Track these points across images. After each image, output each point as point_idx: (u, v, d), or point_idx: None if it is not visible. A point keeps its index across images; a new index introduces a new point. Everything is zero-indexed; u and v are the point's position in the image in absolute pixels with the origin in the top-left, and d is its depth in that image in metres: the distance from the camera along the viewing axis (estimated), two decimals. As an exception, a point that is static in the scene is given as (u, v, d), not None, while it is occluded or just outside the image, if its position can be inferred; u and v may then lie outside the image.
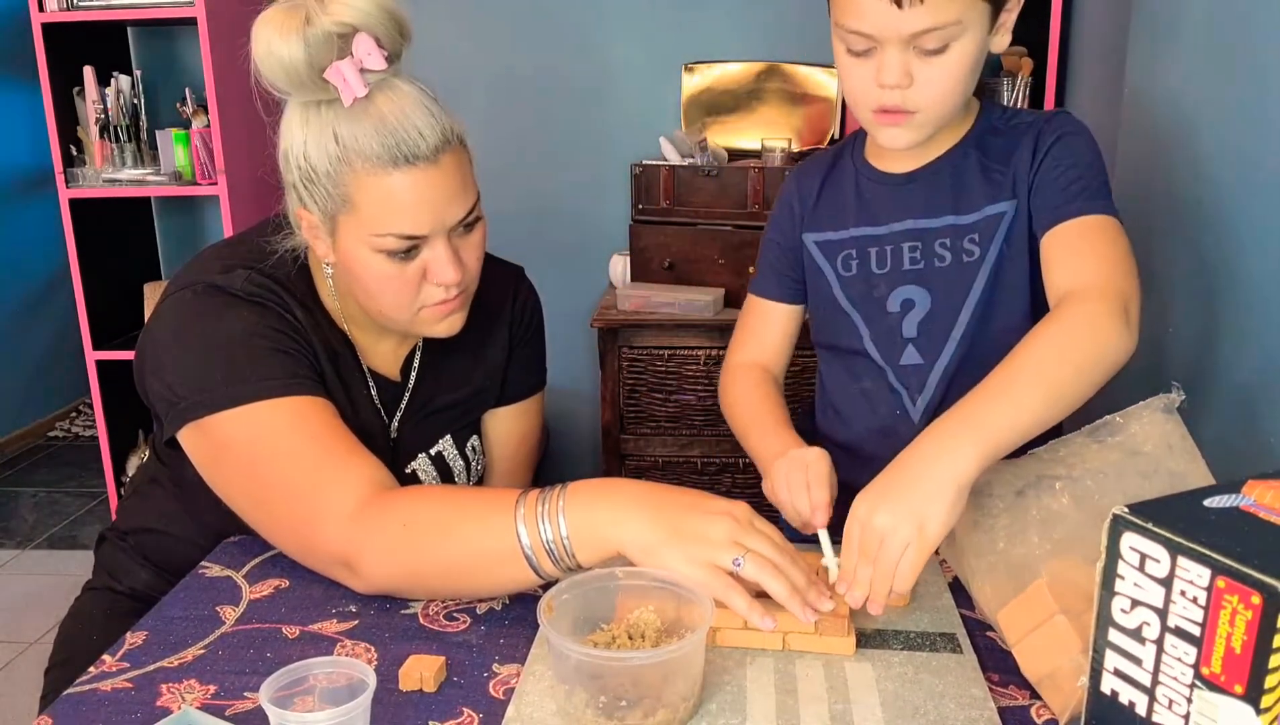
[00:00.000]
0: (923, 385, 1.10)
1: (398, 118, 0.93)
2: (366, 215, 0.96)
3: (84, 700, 0.80)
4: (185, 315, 1.00)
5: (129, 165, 2.55)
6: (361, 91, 0.93)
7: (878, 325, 1.10)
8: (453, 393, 1.16)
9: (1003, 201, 1.04)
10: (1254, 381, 1.16)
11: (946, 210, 1.06)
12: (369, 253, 0.97)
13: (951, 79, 0.96)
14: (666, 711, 0.73)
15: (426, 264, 0.99)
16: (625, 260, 2.35)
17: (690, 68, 2.50)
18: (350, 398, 1.06)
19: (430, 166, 0.95)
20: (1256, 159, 1.16)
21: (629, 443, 2.25)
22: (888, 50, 0.94)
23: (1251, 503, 0.60)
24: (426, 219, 0.96)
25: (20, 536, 2.89)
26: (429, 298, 1.01)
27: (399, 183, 0.94)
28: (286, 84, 0.93)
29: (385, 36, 0.94)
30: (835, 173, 1.15)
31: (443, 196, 0.97)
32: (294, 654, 0.86)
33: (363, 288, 1.01)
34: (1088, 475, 0.85)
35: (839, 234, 1.12)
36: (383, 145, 0.93)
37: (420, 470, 1.14)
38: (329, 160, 0.95)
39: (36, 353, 3.64)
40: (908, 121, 0.99)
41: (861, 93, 0.99)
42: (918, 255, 1.07)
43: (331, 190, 0.96)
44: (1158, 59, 1.49)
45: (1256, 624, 0.53)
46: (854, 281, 1.11)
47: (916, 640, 0.85)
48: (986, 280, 1.05)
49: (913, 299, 1.08)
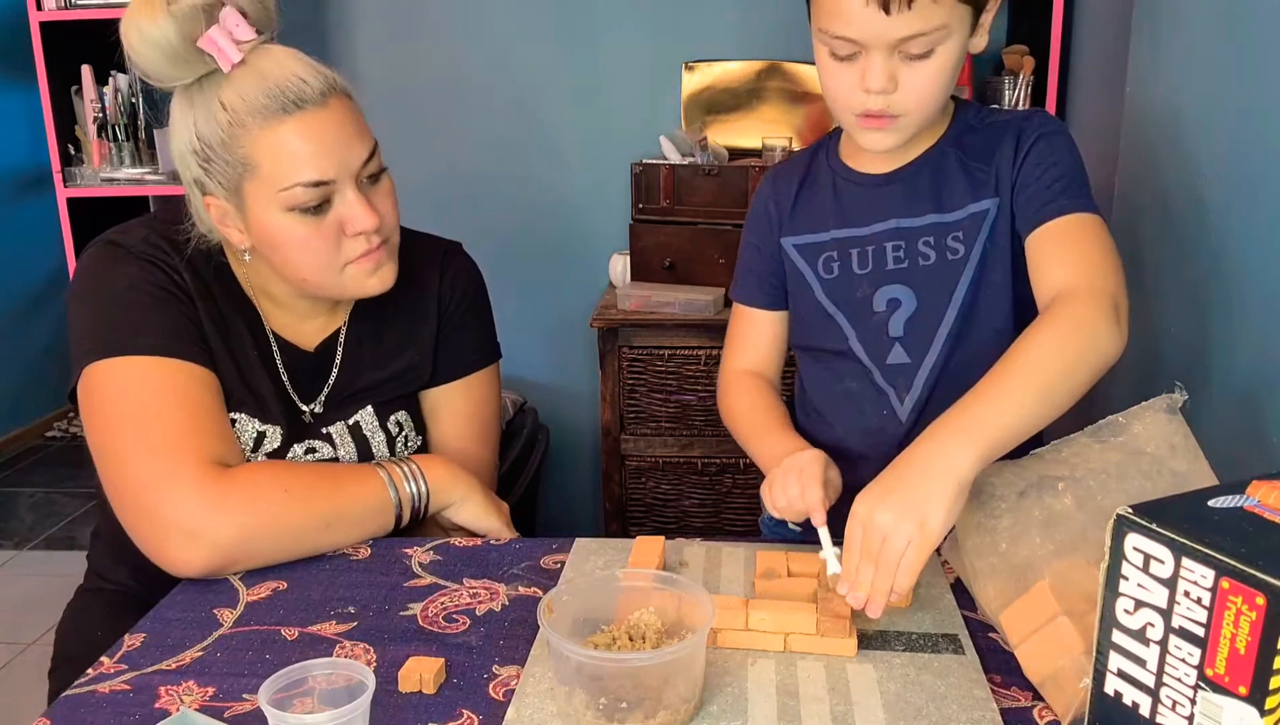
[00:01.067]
0: (910, 384, 1.09)
1: (278, 71, 0.97)
2: (269, 172, 0.98)
3: (82, 702, 0.80)
4: (82, 270, 1.07)
5: (127, 164, 2.54)
6: (237, 57, 0.96)
7: (864, 326, 1.10)
8: (379, 370, 1.16)
9: (985, 199, 1.04)
10: (1257, 381, 1.15)
11: (929, 208, 1.06)
12: (281, 214, 0.99)
13: (936, 83, 0.96)
14: (667, 713, 0.73)
15: (341, 217, 1.01)
16: (625, 260, 2.35)
17: (690, 67, 2.50)
18: (239, 364, 1.07)
19: (320, 109, 0.98)
20: (1258, 158, 1.16)
21: (629, 443, 2.25)
22: (873, 55, 0.94)
23: (1256, 503, 0.60)
24: (329, 162, 0.99)
25: (18, 537, 2.89)
26: (351, 251, 1.03)
27: (292, 130, 0.97)
28: (166, 63, 0.97)
29: (250, 9, 0.98)
30: (811, 176, 1.14)
31: (339, 138, 0.99)
32: (293, 656, 0.85)
33: (284, 258, 1.03)
34: (1090, 476, 0.84)
35: (818, 236, 1.11)
36: (269, 96, 0.96)
37: (336, 435, 1.14)
38: (221, 128, 0.97)
39: (34, 352, 3.63)
40: (891, 125, 0.99)
41: (844, 97, 0.98)
42: (901, 254, 1.07)
43: (229, 157, 0.98)
44: (1158, 59, 1.49)
45: (1261, 625, 0.53)
46: (837, 283, 1.11)
47: (919, 641, 0.85)
48: (971, 277, 1.05)
49: (899, 298, 1.08)
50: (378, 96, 2.63)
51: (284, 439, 1.09)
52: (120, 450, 0.99)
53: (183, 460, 0.96)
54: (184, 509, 0.95)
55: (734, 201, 2.23)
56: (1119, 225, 1.61)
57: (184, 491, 0.95)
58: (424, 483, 1.08)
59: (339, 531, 1.03)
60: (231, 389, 1.06)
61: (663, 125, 2.45)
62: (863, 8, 0.91)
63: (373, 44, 2.63)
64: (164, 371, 1.00)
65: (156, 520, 0.96)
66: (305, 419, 1.13)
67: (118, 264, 1.04)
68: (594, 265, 2.58)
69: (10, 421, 3.56)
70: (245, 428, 1.07)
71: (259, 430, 1.08)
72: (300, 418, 1.12)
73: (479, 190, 2.64)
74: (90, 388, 1.01)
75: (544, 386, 2.64)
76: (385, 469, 1.07)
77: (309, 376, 1.13)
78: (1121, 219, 1.61)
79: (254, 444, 1.08)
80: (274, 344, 1.11)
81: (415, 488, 1.08)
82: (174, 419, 0.98)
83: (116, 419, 0.99)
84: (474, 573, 1.00)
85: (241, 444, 1.06)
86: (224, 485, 0.97)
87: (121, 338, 1.00)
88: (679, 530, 2.23)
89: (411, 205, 1.11)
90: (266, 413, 1.08)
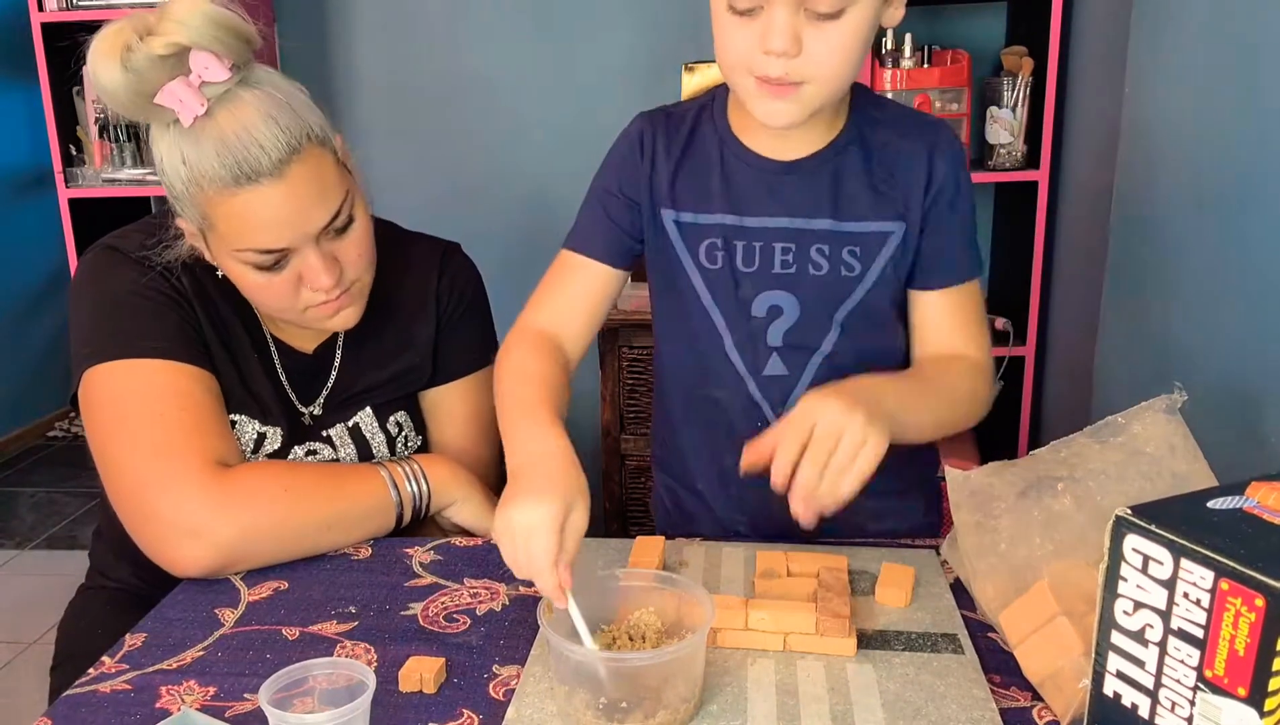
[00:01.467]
0: (786, 400, 1.01)
1: (238, 134, 0.92)
2: (224, 232, 0.97)
3: (83, 702, 0.80)
4: (82, 274, 1.07)
5: (128, 165, 2.55)
6: (200, 109, 0.91)
7: (741, 330, 1.01)
8: (378, 372, 1.16)
9: (890, 221, 0.98)
10: (1257, 382, 1.15)
11: (824, 212, 0.97)
12: (239, 265, 0.99)
13: (845, 49, 0.86)
14: (667, 713, 0.73)
15: (300, 271, 1.00)
16: (625, 260, 2.35)
17: (690, 67, 2.50)
18: (239, 366, 1.08)
19: (276, 181, 0.93)
20: (1257, 159, 1.16)
21: (629, 443, 2.25)
22: (776, 10, 0.83)
23: (1255, 504, 0.60)
24: (283, 233, 0.96)
25: (19, 536, 2.89)
26: (310, 300, 1.02)
27: (247, 201, 0.94)
28: (125, 111, 0.93)
29: (224, 48, 0.91)
30: (697, 140, 1.01)
31: (295, 209, 0.95)
32: (293, 655, 0.85)
33: (244, 293, 1.04)
34: (1090, 476, 0.85)
35: (702, 217, 0.99)
36: (224, 166, 0.92)
37: (336, 437, 1.14)
38: (182, 182, 0.95)
39: (35, 352, 3.63)
40: (793, 94, 0.88)
41: (741, 57, 0.88)
42: (790, 258, 0.98)
43: (192, 209, 0.97)
44: (1158, 59, 1.49)
45: (1260, 626, 0.53)
46: (718, 277, 1.00)
47: (918, 641, 0.85)
48: (861, 297, 0.99)
49: (780, 305, 0.99)
50: (378, 96, 2.63)
51: (284, 441, 1.09)
52: (121, 451, 0.99)
53: (184, 461, 0.97)
54: (185, 509, 0.95)
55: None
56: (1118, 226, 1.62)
57: (185, 491, 0.96)
58: (425, 482, 1.08)
59: (340, 531, 1.03)
60: (231, 391, 1.06)
61: (663, 125, 2.44)
62: None
63: (373, 44, 2.63)
64: (164, 374, 1.00)
65: (158, 520, 0.97)
66: (305, 421, 1.13)
67: (116, 269, 1.04)
68: (594, 265, 2.58)
69: (11, 421, 3.56)
70: (245, 429, 1.07)
71: (259, 432, 1.08)
72: (300, 420, 1.13)
73: (478, 190, 2.65)
74: (91, 391, 1.01)
75: (544, 386, 2.64)
76: (387, 469, 1.07)
77: (308, 379, 1.13)
78: (1121, 219, 1.61)
79: (254, 446, 1.08)
80: (272, 347, 1.11)
81: (416, 488, 1.08)
82: (175, 420, 0.99)
83: (117, 421, 0.99)
84: (475, 572, 1.00)
85: (242, 446, 1.07)
86: (225, 485, 0.97)
87: (121, 341, 1.00)
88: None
89: (410, 205, 1.11)
90: (266, 414, 1.08)
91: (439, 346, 1.19)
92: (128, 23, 0.92)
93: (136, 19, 0.92)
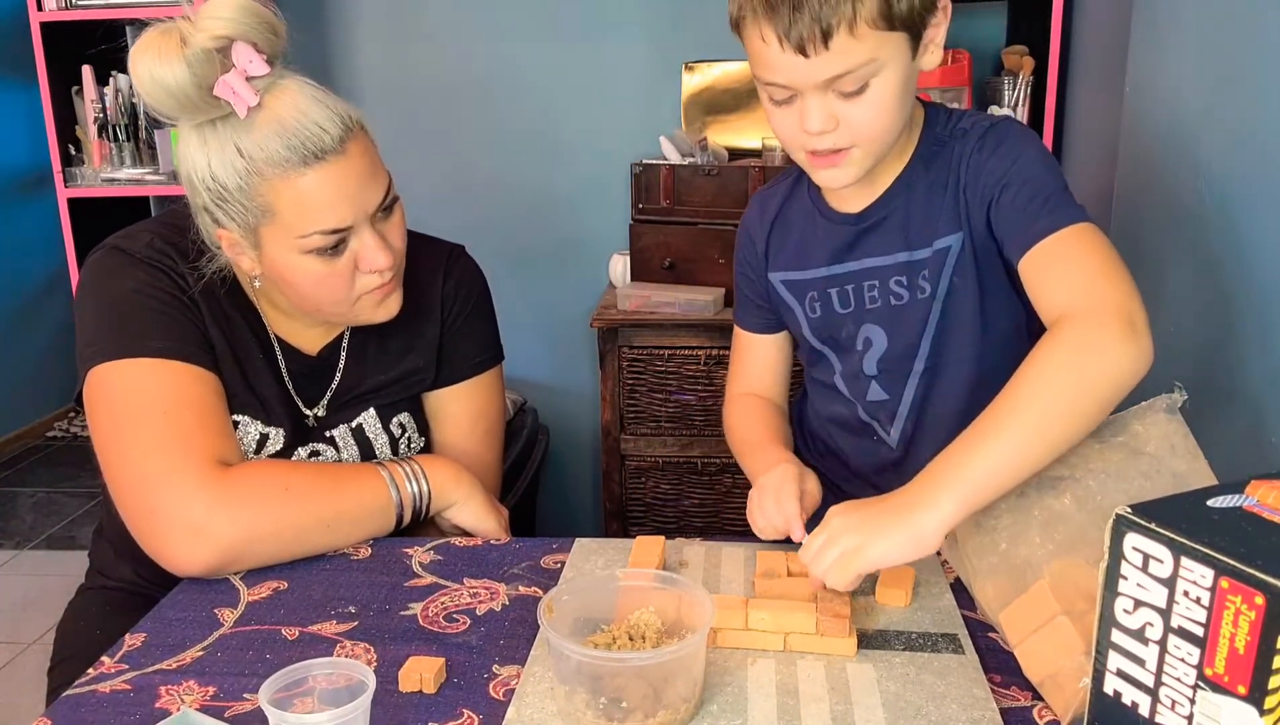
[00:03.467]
0: (892, 419, 1.10)
1: (295, 117, 0.95)
2: (288, 220, 0.97)
3: (82, 702, 0.80)
4: (87, 275, 1.07)
5: (128, 165, 2.54)
6: (253, 100, 0.94)
7: (846, 363, 1.11)
8: (382, 373, 1.17)
9: (950, 234, 1.01)
10: (1257, 381, 1.15)
11: (899, 246, 1.04)
12: (298, 257, 0.99)
13: (879, 113, 0.93)
14: (667, 713, 0.73)
15: (356, 255, 1.01)
16: (625, 260, 2.35)
17: (690, 67, 2.50)
18: (242, 367, 1.08)
19: (339, 157, 0.97)
20: (1257, 158, 1.16)
21: (629, 443, 2.25)
22: (807, 98, 0.92)
23: (1255, 503, 0.60)
24: (347, 210, 0.98)
25: (19, 537, 2.89)
26: (364, 286, 1.04)
27: (313, 181, 0.96)
28: (177, 110, 0.95)
29: (261, 40, 0.95)
30: (793, 206, 1.13)
31: (357, 184, 0.99)
32: (293, 655, 0.85)
33: (296, 292, 1.04)
34: (1090, 476, 0.85)
35: (803, 274, 1.11)
36: (288, 147, 0.95)
37: (339, 438, 1.14)
38: (238, 175, 0.96)
39: (35, 353, 3.63)
40: (845, 160, 0.96)
41: (790, 138, 0.97)
42: (875, 293, 1.06)
43: (247, 204, 0.97)
44: (1158, 59, 1.49)
45: (1260, 625, 0.53)
46: (822, 322, 1.11)
47: (918, 641, 0.85)
48: (939, 315, 1.04)
49: (871, 338, 1.08)
50: (378, 96, 2.63)
51: (287, 441, 1.10)
52: (124, 450, 0.99)
53: (186, 459, 0.97)
54: (186, 507, 0.95)
55: (734, 201, 2.22)
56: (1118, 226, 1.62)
57: (186, 490, 0.96)
58: (425, 483, 1.08)
59: (340, 531, 1.03)
60: (235, 392, 1.06)
61: (662, 125, 2.45)
62: (780, 54, 0.89)
63: (373, 44, 2.63)
64: (168, 373, 1.00)
65: (159, 518, 0.97)
66: (309, 423, 1.13)
67: (123, 269, 1.04)
68: (594, 265, 2.58)
69: (11, 421, 3.56)
70: (248, 430, 1.07)
71: (262, 432, 1.08)
72: (304, 421, 1.13)
73: (479, 190, 2.65)
74: (95, 389, 1.01)
75: (544, 386, 2.64)
76: (387, 469, 1.07)
77: (312, 380, 1.13)
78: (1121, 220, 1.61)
79: (257, 446, 1.08)
80: (277, 348, 1.11)
81: (417, 488, 1.08)
82: (177, 419, 0.99)
83: (120, 419, 0.99)
84: (474, 572, 1.00)
85: (244, 447, 1.07)
86: (226, 484, 0.97)
87: (126, 341, 1.00)
88: (679, 530, 2.23)
89: (411, 206, 1.11)
90: (270, 415, 1.09)
91: (443, 349, 1.19)
92: (170, 25, 0.94)
93: (171, 23, 0.94)
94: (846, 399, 1.13)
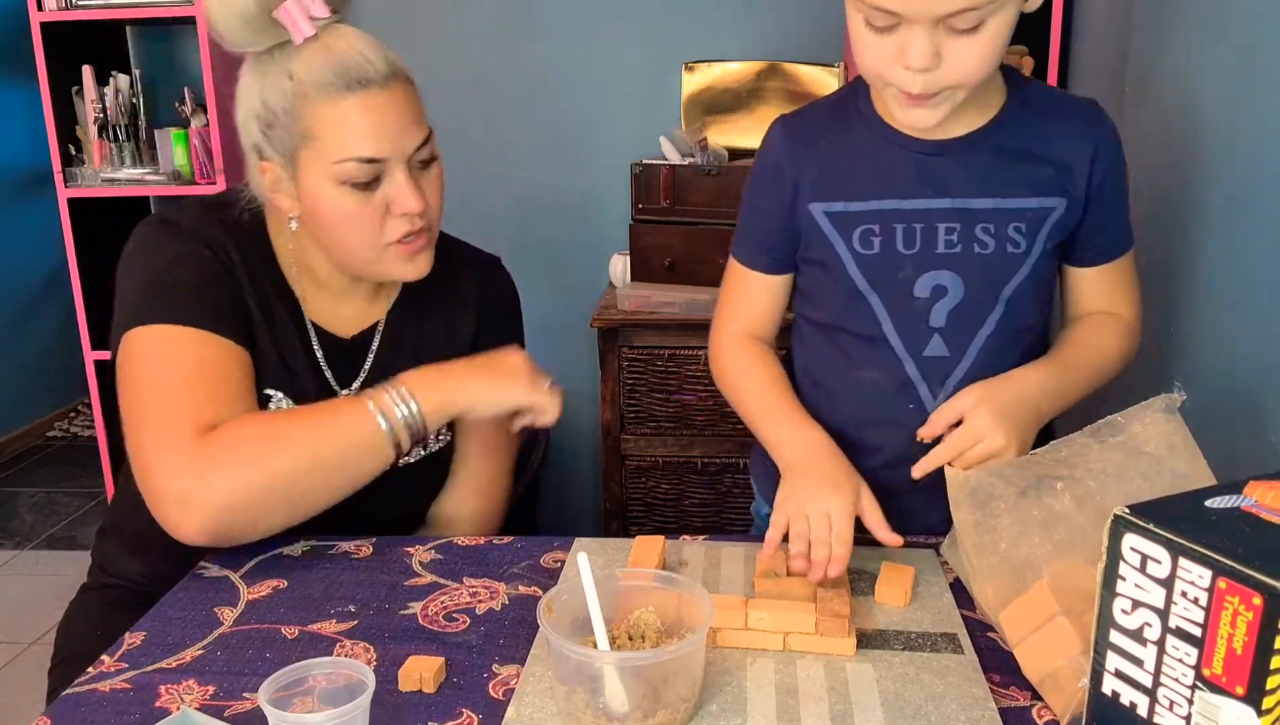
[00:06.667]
0: (945, 379, 1.02)
1: (346, 50, 0.99)
2: (326, 144, 1.00)
3: (82, 701, 0.80)
4: (133, 245, 1.07)
5: (128, 165, 2.55)
6: (310, 31, 0.99)
7: (901, 312, 1.01)
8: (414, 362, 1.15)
9: (1053, 197, 0.99)
10: (1256, 381, 1.15)
11: (988, 190, 0.98)
12: (332, 187, 1.01)
13: (985, 55, 0.87)
14: (666, 712, 0.73)
15: (388, 196, 1.02)
16: (625, 260, 2.35)
17: (690, 67, 2.50)
18: (278, 343, 1.08)
19: (382, 90, 1.00)
20: (1258, 158, 1.16)
21: (629, 443, 2.25)
22: (915, 30, 0.85)
23: (1253, 503, 0.60)
24: (385, 142, 1.00)
25: (19, 537, 2.89)
26: (393, 233, 1.04)
27: (354, 106, 0.99)
28: (242, 29, 0.99)
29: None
30: (840, 131, 1.03)
31: (397, 121, 1.01)
32: (293, 654, 0.86)
33: (328, 231, 1.04)
34: (1089, 476, 0.85)
35: (854, 206, 1.01)
36: (335, 73, 0.98)
37: None
38: (285, 97, 1.00)
39: (35, 353, 3.63)
40: (934, 101, 0.90)
41: (880, 68, 0.90)
42: (955, 238, 0.98)
43: (290, 126, 1.00)
44: (1158, 59, 1.49)
45: (1258, 625, 0.53)
46: (875, 261, 1.01)
47: (917, 640, 0.85)
48: (1027, 274, 1.00)
49: (945, 285, 1.00)
50: (378, 96, 2.63)
51: None
52: (135, 416, 0.99)
53: (179, 427, 0.96)
54: (173, 476, 0.95)
55: (734, 202, 2.20)
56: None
57: (173, 458, 0.95)
58: (414, 402, 1.00)
59: (333, 473, 0.98)
60: (269, 366, 1.06)
61: (663, 125, 2.45)
62: None
63: (373, 44, 2.64)
64: (195, 342, 1.00)
65: (155, 489, 0.96)
66: None
67: (168, 240, 1.05)
68: (594, 265, 2.58)
69: (11, 421, 3.56)
70: (280, 404, 1.08)
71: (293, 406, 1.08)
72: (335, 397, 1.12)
73: (479, 190, 2.65)
74: (126, 353, 1.02)
75: (544, 386, 2.64)
76: (370, 398, 1.00)
77: (346, 363, 1.13)
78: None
79: None
80: (311, 331, 1.11)
81: (406, 410, 0.99)
82: (187, 388, 0.98)
83: (141, 385, 1.00)
84: (474, 572, 1.00)
85: None
86: (205, 447, 0.95)
87: (162, 308, 1.01)
88: (679, 530, 2.23)
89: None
90: (302, 392, 1.08)
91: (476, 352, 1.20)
92: None
93: None
94: (892, 355, 1.02)
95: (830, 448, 0.99)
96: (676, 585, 0.81)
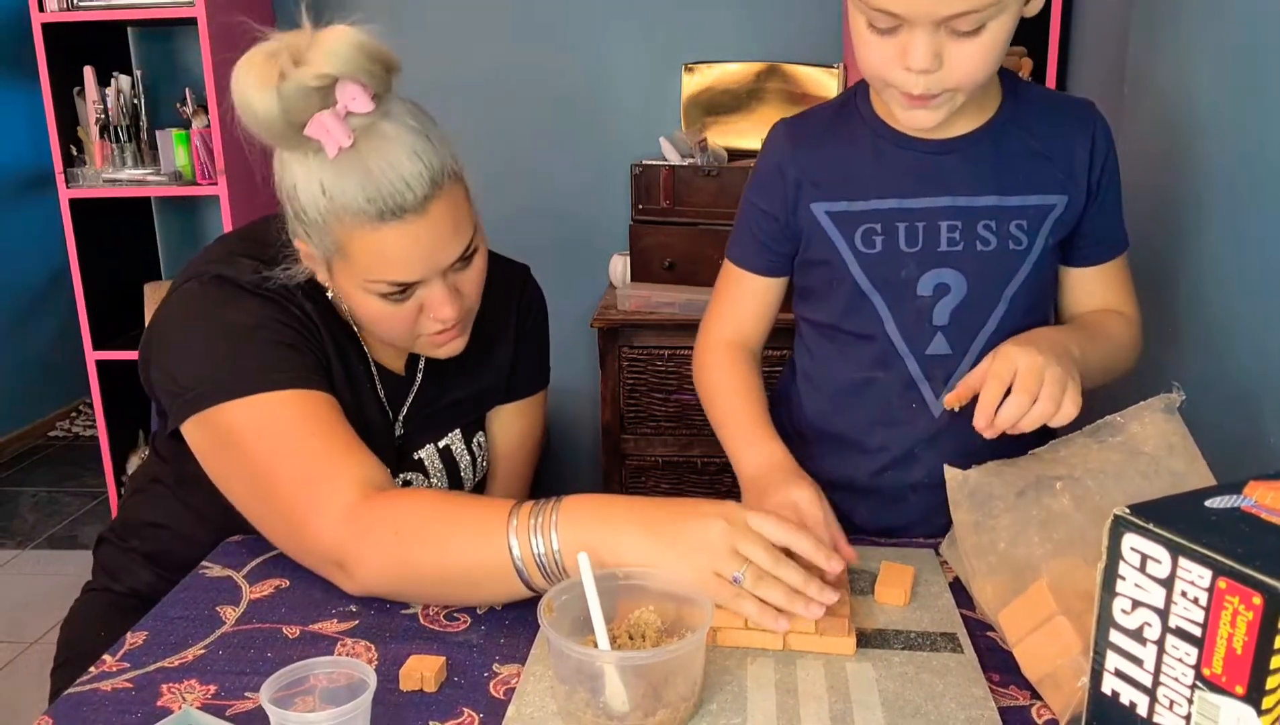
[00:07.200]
0: (948, 376, 1.03)
1: (383, 170, 0.90)
2: (358, 264, 0.95)
3: (84, 700, 0.80)
4: (191, 306, 1.00)
5: (129, 165, 2.55)
6: (346, 142, 0.89)
7: (904, 310, 1.02)
8: (460, 389, 1.16)
9: (1053, 194, 1.00)
10: (1255, 381, 1.16)
11: (989, 188, 0.99)
12: (363, 294, 0.97)
13: (986, 58, 0.88)
14: (666, 711, 0.73)
15: (423, 301, 0.99)
16: (625, 260, 2.35)
17: (690, 68, 2.50)
18: (355, 392, 1.06)
19: (418, 217, 0.92)
20: (1257, 159, 1.16)
21: (629, 443, 2.25)
22: (916, 32, 0.86)
23: (1253, 503, 0.60)
24: (418, 267, 0.95)
25: (20, 536, 2.89)
26: (428, 328, 1.01)
27: (388, 237, 0.92)
28: (266, 137, 0.91)
29: (370, 78, 0.90)
30: (842, 132, 1.04)
31: (433, 244, 0.95)
32: (294, 654, 0.86)
33: (359, 319, 1.03)
34: (1088, 476, 0.85)
35: (856, 205, 1.01)
36: (369, 200, 0.90)
37: (427, 460, 1.14)
38: (318, 211, 0.92)
39: (36, 353, 3.63)
40: (935, 103, 0.91)
41: (881, 70, 0.91)
42: (957, 236, 0.99)
43: (324, 236, 0.94)
44: (1157, 59, 1.49)
45: (1257, 625, 0.53)
46: (877, 260, 1.01)
47: (917, 640, 0.85)
48: (1029, 272, 1.01)
49: (947, 283, 1.00)
50: (379, 97, 2.64)
51: None
52: (264, 492, 0.94)
53: (334, 486, 0.91)
54: (329, 544, 0.90)
55: (733, 202, 2.21)
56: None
57: (331, 521, 0.90)
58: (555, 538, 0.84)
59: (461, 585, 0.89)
60: (346, 408, 1.00)
61: (662, 126, 2.45)
62: None
63: (374, 44, 2.64)
64: (298, 402, 0.95)
65: (311, 555, 0.93)
66: (396, 442, 1.11)
67: (234, 301, 0.99)
68: (594, 265, 2.58)
69: (12, 421, 3.56)
70: None
71: None
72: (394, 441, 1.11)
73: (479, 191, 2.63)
74: (221, 429, 0.95)
75: (544, 386, 2.65)
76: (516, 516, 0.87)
77: (397, 393, 1.11)
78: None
79: None
80: (374, 368, 1.09)
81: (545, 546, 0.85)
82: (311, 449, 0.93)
83: (253, 457, 0.94)
84: (475, 572, 1.00)
85: None
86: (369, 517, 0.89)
87: (254, 376, 0.95)
88: (679, 530, 2.23)
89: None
90: (367, 423, 1.04)
91: (513, 368, 1.20)
92: (279, 48, 0.88)
93: (286, 44, 0.88)
94: (895, 354, 1.03)
95: (789, 463, 1.00)
96: (677, 585, 0.81)
